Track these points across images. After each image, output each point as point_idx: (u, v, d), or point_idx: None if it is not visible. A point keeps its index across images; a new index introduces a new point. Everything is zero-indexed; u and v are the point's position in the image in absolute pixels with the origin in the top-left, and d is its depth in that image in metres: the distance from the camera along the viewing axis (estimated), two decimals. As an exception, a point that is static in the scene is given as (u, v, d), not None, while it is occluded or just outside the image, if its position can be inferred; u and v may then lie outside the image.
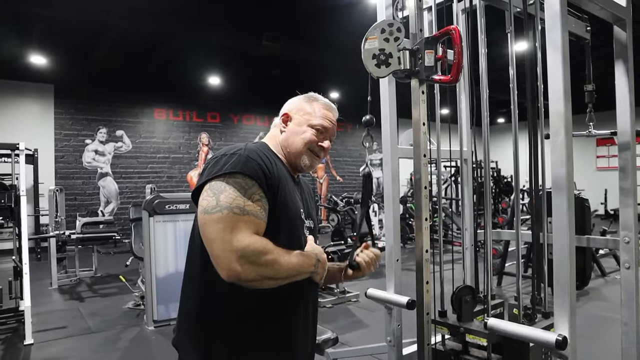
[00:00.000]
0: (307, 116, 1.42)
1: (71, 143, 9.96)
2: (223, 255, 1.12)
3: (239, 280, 1.13)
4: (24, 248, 4.37)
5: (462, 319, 1.65)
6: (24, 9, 5.95)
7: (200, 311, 1.30)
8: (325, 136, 1.44)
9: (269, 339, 1.30)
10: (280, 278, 1.19)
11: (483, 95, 2.02)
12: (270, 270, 1.15)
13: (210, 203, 1.17)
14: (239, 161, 1.21)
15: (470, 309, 1.66)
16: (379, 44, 1.48)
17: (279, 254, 1.17)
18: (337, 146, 13.90)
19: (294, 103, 1.47)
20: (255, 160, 1.23)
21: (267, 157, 1.30)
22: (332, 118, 1.46)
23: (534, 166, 2.02)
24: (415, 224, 1.52)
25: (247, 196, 1.18)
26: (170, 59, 8.53)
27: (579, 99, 2.16)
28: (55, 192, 6.98)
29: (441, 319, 1.70)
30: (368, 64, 1.48)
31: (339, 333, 2.26)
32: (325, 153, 1.46)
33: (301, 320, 1.38)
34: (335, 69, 9.49)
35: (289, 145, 1.42)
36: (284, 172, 1.36)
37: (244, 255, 1.11)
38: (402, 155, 2.04)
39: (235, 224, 1.14)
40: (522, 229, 2.03)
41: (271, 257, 1.15)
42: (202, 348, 1.29)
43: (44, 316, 4.85)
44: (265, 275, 1.15)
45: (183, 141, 11.42)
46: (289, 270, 1.20)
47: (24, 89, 9.43)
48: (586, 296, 5.41)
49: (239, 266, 1.11)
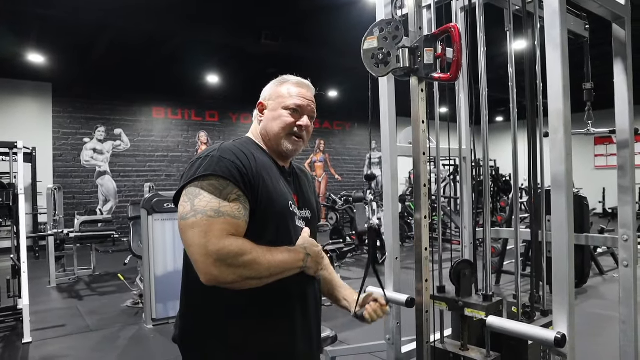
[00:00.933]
0: (279, 99, 1.39)
1: (69, 142, 9.94)
2: (200, 260, 1.11)
3: (218, 283, 1.12)
4: (22, 247, 4.36)
5: (461, 293, 1.65)
6: (22, 7, 5.94)
7: (195, 309, 1.30)
8: (303, 114, 1.40)
9: (264, 338, 1.27)
10: (264, 277, 1.16)
11: (482, 93, 2.02)
12: (249, 271, 1.13)
13: (186, 209, 1.17)
14: (212, 163, 1.20)
15: (468, 282, 1.66)
16: (378, 43, 1.48)
17: (258, 253, 1.14)
18: (336, 145, 13.91)
19: (266, 90, 1.45)
20: (228, 159, 1.22)
21: (244, 152, 1.27)
22: (306, 94, 1.42)
23: (533, 164, 2.02)
24: (415, 221, 1.52)
25: (222, 197, 1.17)
26: (168, 57, 8.51)
27: (578, 98, 2.16)
28: (54, 190, 6.97)
29: (440, 294, 1.71)
30: (367, 63, 1.48)
31: (337, 331, 2.26)
32: (307, 133, 1.41)
33: (299, 318, 1.34)
34: (334, 68, 9.50)
35: (268, 132, 1.39)
36: (266, 164, 1.33)
37: (219, 258, 1.10)
38: (401, 154, 2.04)
39: (210, 227, 1.12)
40: (520, 228, 2.04)
41: (249, 258, 1.12)
42: (199, 346, 1.29)
43: (42, 315, 4.84)
44: (245, 276, 1.13)
45: (182, 140, 11.41)
46: (272, 268, 1.16)
47: (22, 87, 9.41)
48: (584, 294, 5.42)
49: (215, 269, 1.10)
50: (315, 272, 1.30)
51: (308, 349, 1.39)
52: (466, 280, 1.66)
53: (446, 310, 1.71)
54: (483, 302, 1.59)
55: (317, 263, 1.29)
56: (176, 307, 1.39)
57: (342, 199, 10.69)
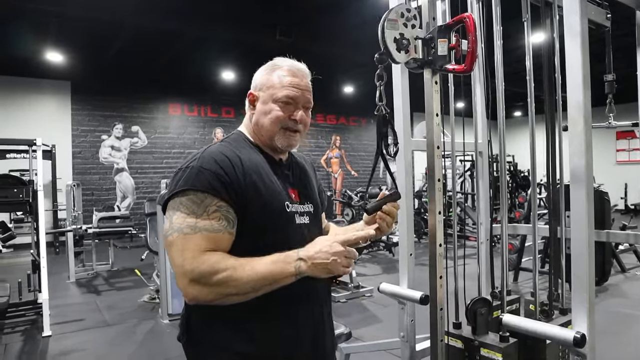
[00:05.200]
0: (270, 90, 1.26)
1: (88, 139, 10.08)
2: (179, 280, 1.08)
3: (199, 302, 1.09)
4: (41, 242, 4.44)
5: (477, 332, 1.60)
6: (40, 6, 6.01)
7: (195, 310, 1.24)
8: (297, 106, 1.26)
9: (266, 339, 1.19)
10: (247, 292, 1.07)
11: (498, 86, 1.97)
12: (226, 288, 1.06)
13: (166, 226, 1.14)
14: (190, 175, 1.13)
15: (485, 321, 1.61)
16: (400, 28, 1.40)
17: (234, 268, 1.06)
18: (351, 141, 13.85)
19: (257, 77, 1.31)
20: (208, 169, 1.13)
21: (228, 157, 1.17)
22: (300, 83, 1.27)
23: (551, 159, 1.97)
24: (429, 217, 1.49)
25: (200, 211, 1.10)
26: (184, 54, 8.56)
27: (598, 92, 2.09)
28: (72, 187, 7.08)
29: (455, 330, 1.66)
30: (390, 46, 1.38)
31: (352, 328, 2.24)
32: (304, 125, 1.28)
33: (307, 325, 1.26)
34: (349, 63, 9.45)
35: (260, 128, 1.28)
36: (257, 164, 1.23)
37: (193, 278, 1.06)
38: (415, 148, 2.00)
39: (185, 245, 1.08)
40: (539, 224, 1.99)
41: (223, 275, 1.05)
42: (196, 349, 1.24)
43: (61, 309, 4.92)
44: (223, 293, 1.06)
45: (198, 136, 11.47)
46: (254, 282, 1.06)
47: (42, 86, 9.55)
48: (605, 292, 5.30)
49: (193, 289, 1.06)
50: (328, 274, 1.09)
51: (312, 351, 1.28)
52: (482, 319, 1.61)
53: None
54: (500, 343, 1.53)
55: (316, 266, 1.07)
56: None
57: (357, 194, 10.65)
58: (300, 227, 1.26)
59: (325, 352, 1.34)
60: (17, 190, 4.55)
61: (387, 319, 4.39)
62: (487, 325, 1.61)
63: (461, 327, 1.67)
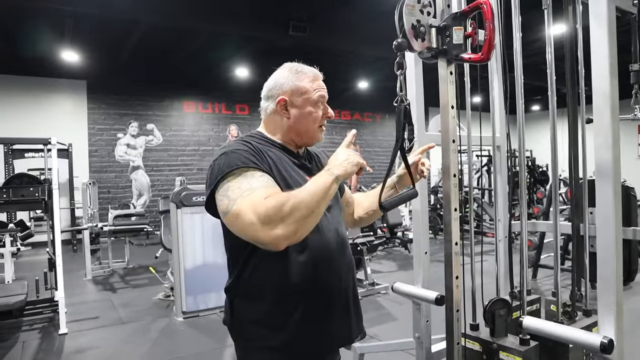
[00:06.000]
0: (305, 96, 1.41)
1: (104, 137, 10.17)
2: (260, 233, 1.13)
3: (288, 241, 1.16)
4: (57, 240, 4.46)
5: (496, 334, 1.53)
6: (55, 6, 6.05)
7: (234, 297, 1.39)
8: (325, 105, 1.45)
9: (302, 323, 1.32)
10: (313, 209, 1.16)
11: (517, 78, 1.89)
12: (299, 211, 1.13)
13: (224, 203, 1.22)
14: (227, 159, 1.27)
15: (504, 323, 1.53)
16: (417, 15, 1.33)
17: (294, 196, 1.16)
18: (366, 137, 13.74)
19: (284, 85, 1.42)
20: (239, 151, 1.29)
21: (252, 146, 1.32)
22: (322, 83, 1.45)
23: (573, 153, 1.88)
24: (444, 215, 1.42)
25: (250, 178, 1.23)
26: (198, 51, 8.56)
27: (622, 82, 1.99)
28: (88, 185, 7.13)
29: (473, 332, 1.59)
30: (408, 33, 1.31)
31: (367, 326, 2.19)
32: (331, 119, 1.49)
33: (337, 305, 1.40)
34: (364, 58, 9.35)
35: (301, 130, 1.43)
36: (277, 156, 1.38)
37: (270, 219, 1.12)
38: (430, 142, 1.93)
39: (252, 202, 1.16)
40: (559, 220, 1.90)
41: (291, 203, 1.13)
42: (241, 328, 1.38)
43: (78, 306, 4.96)
44: (299, 216, 1.13)
45: (212, 133, 11.50)
46: (315, 195, 1.17)
47: (58, 85, 9.66)
48: (630, 291, 5.14)
49: (277, 230, 1.12)
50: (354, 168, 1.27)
51: (346, 335, 1.44)
52: (501, 320, 1.54)
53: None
54: (520, 346, 1.46)
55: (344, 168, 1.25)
56: (205, 300, 1.47)
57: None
58: None
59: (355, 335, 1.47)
60: (33, 189, 4.58)
61: (403, 317, 4.32)
62: (506, 327, 1.53)
63: (479, 329, 1.60)
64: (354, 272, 1.50)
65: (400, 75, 1.31)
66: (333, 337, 1.40)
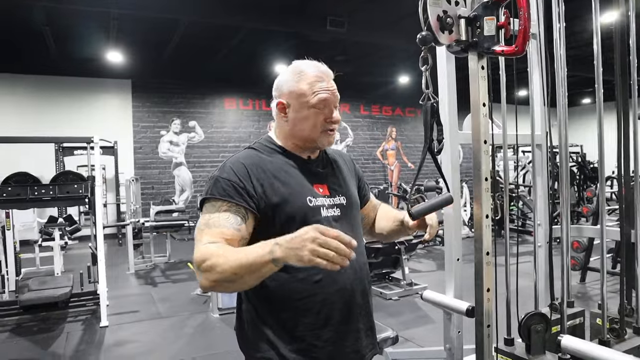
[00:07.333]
0: (302, 99, 1.30)
1: (148, 134, 10.45)
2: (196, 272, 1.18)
3: (204, 289, 1.18)
4: (98, 236, 4.60)
5: (532, 351, 1.41)
6: (101, 9, 6.24)
7: (245, 302, 1.37)
8: (330, 108, 1.31)
9: (298, 335, 1.28)
10: (231, 280, 1.09)
11: (559, 71, 1.74)
12: (214, 274, 1.10)
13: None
14: (210, 187, 1.29)
15: (541, 339, 1.41)
16: (443, 5, 1.24)
17: (218, 256, 1.11)
18: (408, 132, 13.49)
19: (283, 87, 1.34)
20: (226, 179, 1.27)
21: (245, 164, 1.30)
22: (328, 85, 1.31)
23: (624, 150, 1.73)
24: (474, 222, 1.31)
25: (215, 213, 1.23)
26: (237, 48, 8.62)
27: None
28: (131, 181, 7.34)
29: (507, 347, 1.47)
30: (433, 25, 1.23)
31: (403, 328, 2.10)
32: (337, 122, 1.35)
33: (341, 324, 1.30)
34: (404, 53, 9.13)
35: (297, 134, 1.35)
36: (279, 167, 1.32)
37: (197, 265, 1.15)
38: (464, 142, 1.82)
39: (197, 240, 1.21)
40: (608, 223, 1.74)
41: (209, 262, 1.11)
42: (247, 337, 1.38)
43: (120, 300, 5.11)
44: (212, 279, 1.11)
45: (253, 130, 11.60)
46: (235, 268, 1.08)
47: (105, 85, 10.02)
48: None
49: (199, 277, 1.14)
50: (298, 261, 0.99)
51: (354, 353, 1.34)
52: (538, 337, 1.41)
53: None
54: None
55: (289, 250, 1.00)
56: (241, 297, 1.43)
57: (413, 188, 10.33)
58: (327, 219, 1.30)
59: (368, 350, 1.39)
60: (77, 186, 4.73)
61: (440, 320, 4.13)
62: (544, 343, 1.41)
63: (514, 344, 1.48)
64: (367, 286, 1.40)
65: (426, 71, 1.23)
66: (340, 353, 1.32)
